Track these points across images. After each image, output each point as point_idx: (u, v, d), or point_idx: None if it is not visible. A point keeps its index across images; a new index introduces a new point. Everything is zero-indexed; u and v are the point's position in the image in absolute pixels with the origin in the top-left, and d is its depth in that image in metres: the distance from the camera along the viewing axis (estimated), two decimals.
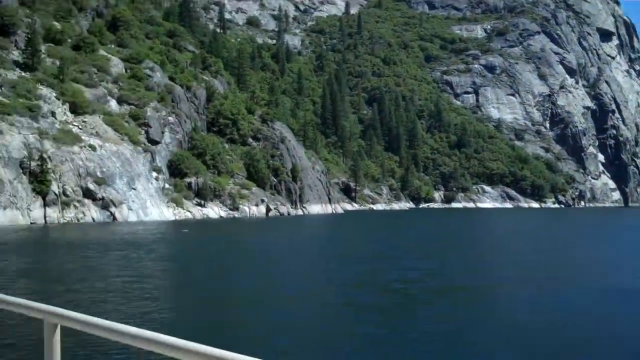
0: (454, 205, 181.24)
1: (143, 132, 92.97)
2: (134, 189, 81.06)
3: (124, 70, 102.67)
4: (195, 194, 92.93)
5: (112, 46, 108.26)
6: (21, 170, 70.46)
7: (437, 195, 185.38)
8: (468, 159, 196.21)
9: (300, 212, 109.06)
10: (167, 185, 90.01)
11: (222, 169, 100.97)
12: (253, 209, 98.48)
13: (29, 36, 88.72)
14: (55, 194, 71.87)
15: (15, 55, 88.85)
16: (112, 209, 76.21)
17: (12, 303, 2.82)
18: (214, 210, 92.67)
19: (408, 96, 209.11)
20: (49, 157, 73.46)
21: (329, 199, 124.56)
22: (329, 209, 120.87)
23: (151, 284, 25.64)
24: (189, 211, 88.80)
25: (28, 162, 71.12)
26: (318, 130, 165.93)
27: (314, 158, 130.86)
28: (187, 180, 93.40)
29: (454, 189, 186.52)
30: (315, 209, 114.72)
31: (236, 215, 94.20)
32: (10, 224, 63.92)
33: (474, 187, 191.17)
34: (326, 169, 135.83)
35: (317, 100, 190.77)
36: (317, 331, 17.87)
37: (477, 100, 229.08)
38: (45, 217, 69.83)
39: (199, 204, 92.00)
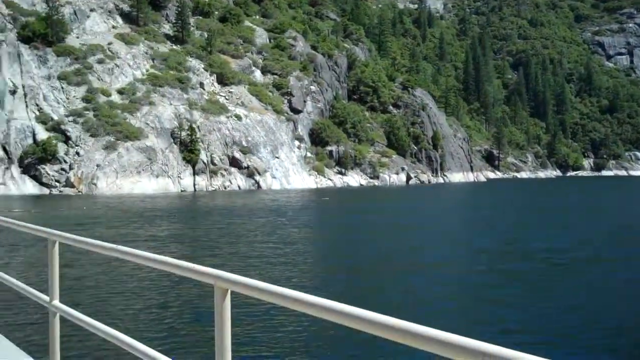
0: (604, 173, 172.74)
1: (286, 101, 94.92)
2: (277, 158, 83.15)
3: (267, 40, 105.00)
4: (336, 162, 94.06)
5: (257, 17, 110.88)
6: (172, 140, 74.08)
7: (586, 163, 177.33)
8: (620, 125, 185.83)
9: (441, 180, 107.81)
10: (308, 154, 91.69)
11: (363, 137, 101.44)
12: (393, 177, 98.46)
13: (179, 9, 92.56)
14: (203, 162, 75.06)
15: (166, 28, 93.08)
16: (257, 177, 78.64)
17: (183, 267, 2.92)
18: (355, 179, 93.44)
19: (556, 59, 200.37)
20: (198, 127, 76.73)
21: (471, 167, 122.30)
22: (470, 177, 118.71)
23: (295, 250, 26.28)
24: (330, 179, 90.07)
25: (179, 132, 74.63)
26: (460, 96, 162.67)
27: (456, 125, 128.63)
28: (328, 148, 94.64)
29: (605, 156, 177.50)
30: (457, 177, 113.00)
31: (376, 184, 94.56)
32: (162, 192, 67.48)
33: (626, 154, 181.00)
34: (468, 136, 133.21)
35: (459, 65, 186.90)
36: (458, 298, 17.68)
37: (632, 62, 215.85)
38: (194, 184, 73.13)
39: (340, 172, 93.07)
